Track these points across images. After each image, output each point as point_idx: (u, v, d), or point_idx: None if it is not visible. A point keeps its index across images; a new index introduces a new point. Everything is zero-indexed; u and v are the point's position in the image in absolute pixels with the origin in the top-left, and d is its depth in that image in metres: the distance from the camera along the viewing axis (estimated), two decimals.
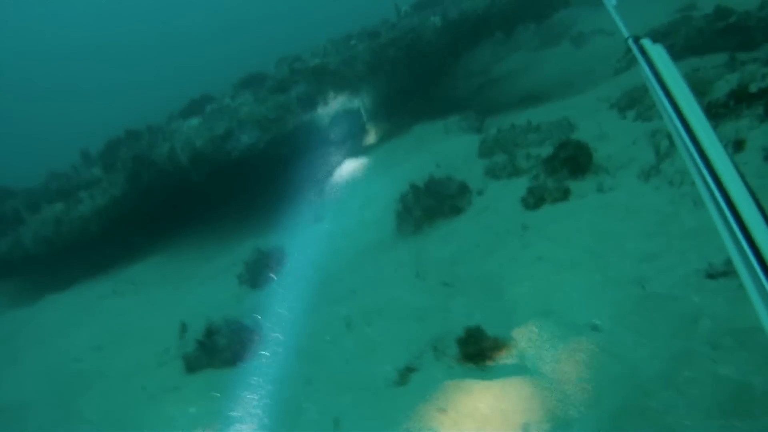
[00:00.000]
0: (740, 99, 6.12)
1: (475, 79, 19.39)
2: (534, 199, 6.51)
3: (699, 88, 7.47)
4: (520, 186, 7.04)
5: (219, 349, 6.25)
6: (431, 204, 7.28)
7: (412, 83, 14.13)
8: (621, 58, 10.97)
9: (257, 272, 7.71)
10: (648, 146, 6.70)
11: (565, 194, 6.44)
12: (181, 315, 7.62)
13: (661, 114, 1.65)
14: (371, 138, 12.22)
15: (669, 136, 6.38)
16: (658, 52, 1.88)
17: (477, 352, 3.95)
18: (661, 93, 1.70)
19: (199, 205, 11.28)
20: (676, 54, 9.51)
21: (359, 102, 12.71)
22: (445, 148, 9.10)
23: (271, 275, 7.68)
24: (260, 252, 7.93)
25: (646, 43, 1.99)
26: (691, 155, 1.45)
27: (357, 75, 11.10)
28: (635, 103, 8.20)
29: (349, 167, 10.55)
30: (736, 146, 5.35)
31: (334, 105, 12.30)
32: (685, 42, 9.50)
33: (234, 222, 10.83)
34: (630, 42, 2.08)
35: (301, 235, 8.54)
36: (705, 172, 1.35)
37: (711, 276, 3.72)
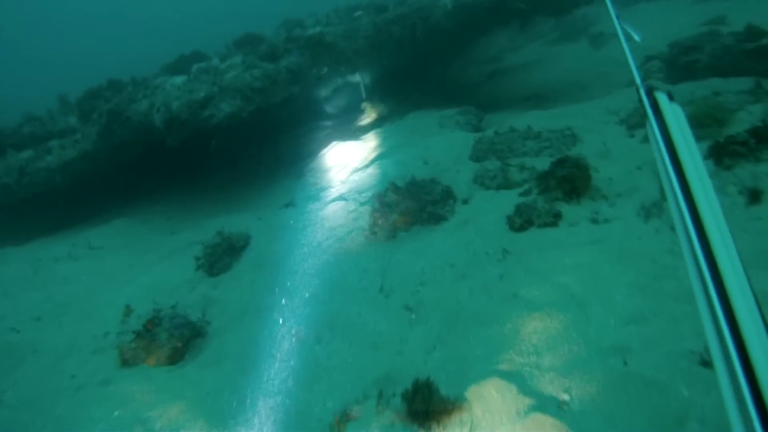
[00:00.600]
0: (762, 138, 5.48)
1: (487, 66, 18.58)
2: (521, 220, 5.90)
3: (717, 116, 6.84)
4: (508, 200, 6.44)
5: (158, 344, 5.71)
6: (411, 208, 6.67)
7: (416, 65, 13.38)
8: (639, 68, 10.24)
9: (215, 258, 7.13)
10: (653, 176, 6.08)
11: (555, 219, 5.84)
12: (131, 294, 7.09)
13: (665, 191, 1.44)
14: (364, 119, 11.53)
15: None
16: (674, 113, 1.60)
17: (424, 411, 3.40)
18: (669, 166, 1.44)
19: (173, 171, 10.65)
20: (698, 72, 8.82)
21: (355, 80, 12.00)
22: (437, 143, 8.44)
23: (230, 263, 7.11)
24: (222, 236, 7.33)
25: (661, 97, 1.67)
26: (693, 251, 1.25)
27: (356, 50, 10.36)
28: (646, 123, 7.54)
29: (334, 151, 9.89)
30: (751, 197, 4.74)
31: (328, 80, 11.61)
32: (710, 60, 8.78)
33: (207, 193, 10.20)
34: (642, 92, 1.74)
35: (270, 220, 7.95)
36: (708, 278, 1.17)
37: (705, 364, 3.15)
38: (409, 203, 6.69)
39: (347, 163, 9.13)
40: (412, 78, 13.54)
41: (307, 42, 9.60)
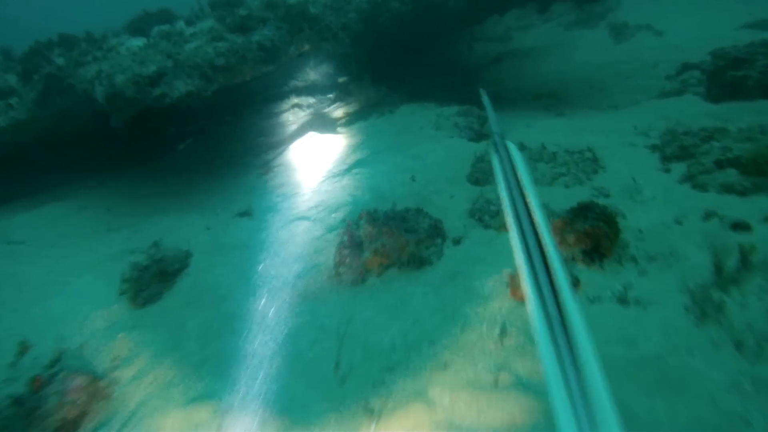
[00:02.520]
0: None
1: (493, 46, 16.93)
2: None
3: (760, 160, 5.48)
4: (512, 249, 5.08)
5: (43, 414, 4.38)
6: (388, 246, 5.30)
7: (415, 44, 11.79)
8: (672, 76, 8.77)
9: (143, 285, 5.74)
10: (701, 240, 4.74)
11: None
12: (36, 319, 5.72)
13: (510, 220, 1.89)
14: (349, 106, 10.01)
15: (740, 246, 4.44)
16: (520, 157, 2.38)
17: None
18: (516, 197, 2.02)
19: (121, 155, 9.15)
20: (748, 92, 7.39)
21: (342, 59, 10.43)
22: (430, 153, 7.01)
23: (160, 292, 5.74)
24: (154, 256, 5.93)
25: (511, 145, 2.52)
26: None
27: (345, 26, 8.78)
28: (687, 155, 6.17)
29: (309, 144, 8.41)
30: None
31: (310, 59, 10.06)
32: (761, 77, 7.34)
33: (159, 181, 8.72)
34: (496, 138, 2.64)
35: (219, 234, 6.54)
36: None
37: None
38: (387, 240, 5.31)
39: (321, 164, 7.68)
40: (410, 59, 11.96)
41: (287, 13, 8.00)
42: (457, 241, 5.48)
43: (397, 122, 8.37)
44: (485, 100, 4.22)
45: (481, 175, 6.31)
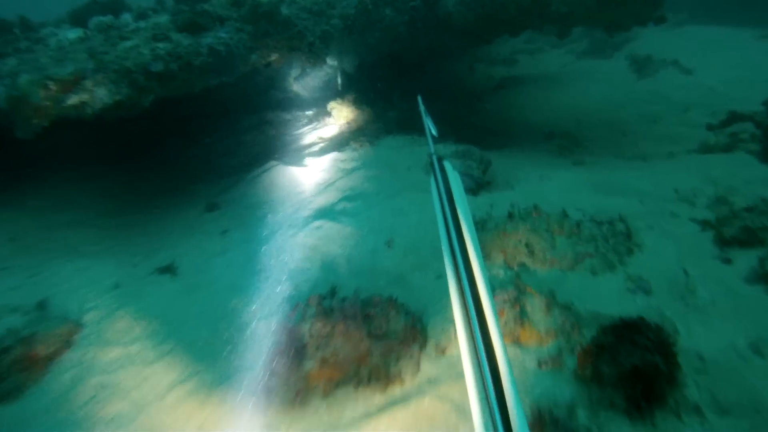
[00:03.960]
0: None
1: (497, 69, 15.43)
2: None
3: None
4: (517, 367, 3.54)
5: None
6: (343, 354, 3.68)
7: (409, 60, 10.26)
8: (716, 126, 7.25)
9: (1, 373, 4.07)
10: None
11: None
12: None
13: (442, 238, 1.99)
14: (323, 129, 8.41)
15: None
16: (455, 178, 2.33)
17: None
18: (448, 215, 2.05)
19: (33, 173, 7.49)
20: None
21: (321, 71, 8.89)
22: (415, 208, 5.41)
23: (23, 384, 4.07)
24: (20, 337, 4.25)
25: (448, 165, 2.40)
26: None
27: (325, 34, 7.21)
28: (755, 241, 4.64)
29: (268, 176, 6.79)
30: None
31: (290, 70, 8.53)
32: None
33: (78, 213, 7.02)
34: (434, 158, 2.44)
35: (128, 297, 4.88)
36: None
37: None
38: (341, 344, 3.70)
39: (277, 205, 6.06)
40: (402, 77, 10.41)
41: (252, 12, 6.40)
42: (441, 350, 3.87)
43: (379, 158, 6.77)
44: (421, 108, 3.79)
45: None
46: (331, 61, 9.06)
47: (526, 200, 5.44)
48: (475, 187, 6.12)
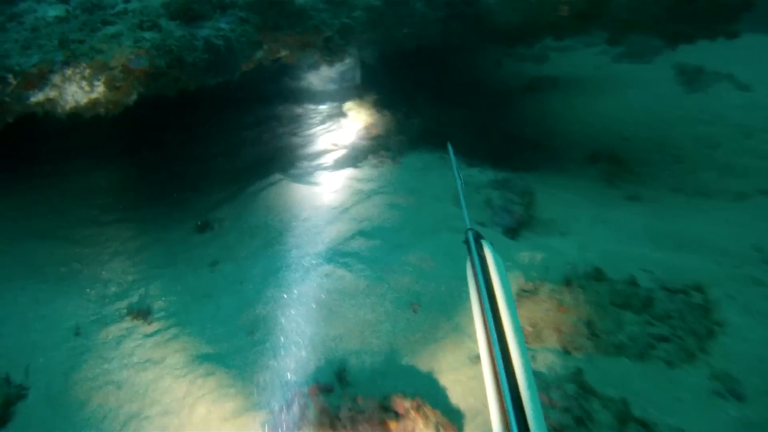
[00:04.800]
0: None
1: (526, 67, 14.26)
2: None
3: None
4: None
5: None
6: None
7: (434, 58, 9.22)
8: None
9: None
10: None
11: None
12: None
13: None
14: (339, 135, 7.39)
15: None
16: (495, 260, 1.84)
17: None
18: (486, 303, 1.62)
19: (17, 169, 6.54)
20: None
21: (340, 67, 7.87)
22: (445, 260, 4.40)
23: None
24: None
25: (487, 244, 1.90)
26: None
27: (345, 27, 6.17)
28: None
29: (270, 195, 5.79)
30: None
31: (293, 66, 7.50)
32: None
33: (50, 220, 6.03)
34: (470, 236, 1.95)
35: (87, 350, 3.92)
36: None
37: None
38: None
39: (281, 234, 5.07)
40: (429, 74, 9.36)
41: (259, 0, 5.35)
42: None
43: (402, 181, 5.74)
44: (453, 161, 2.91)
45: (530, 324, 3.73)
46: (350, 55, 8.01)
47: (582, 253, 4.45)
48: (515, 226, 5.11)
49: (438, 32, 7.25)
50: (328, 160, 6.54)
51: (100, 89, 4.75)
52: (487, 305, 1.61)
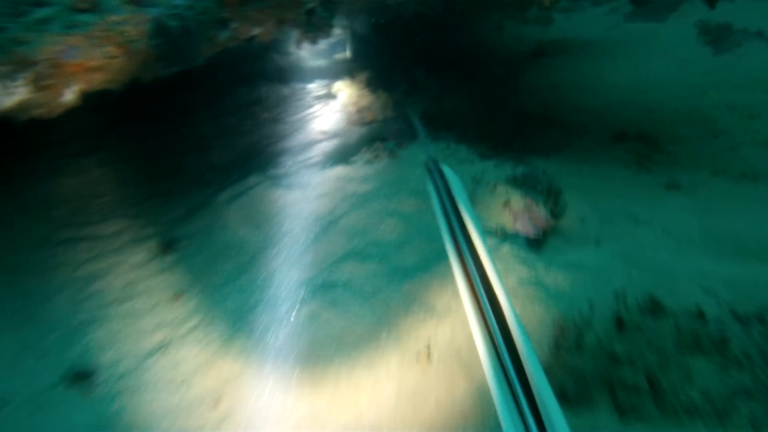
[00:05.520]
0: None
1: (529, 30, 13.17)
2: None
3: None
4: None
5: None
6: None
7: (429, 22, 8.27)
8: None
9: None
10: None
11: None
12: None
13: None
14: (328, 118, 6.46)
15: None
16: (455, 179, 2.37)
17: None
18: (451, 215, 2.07)
19: None
20: None
21: (329, 38, 6.95)
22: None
23: None
24: None
25: (446, 168, 2.45)
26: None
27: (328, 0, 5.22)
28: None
29: (240, 204, 4.91)
30: None
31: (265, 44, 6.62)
32: None
33: None
34: (430, 164, 2.51)
35: None
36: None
37: None
38: None
39: (258, 255, 4.21)
40: (428, 45, 8.38)
41: None
42: None
43: (403, 179, 4.85)
44: (415, 121, 3.85)
45: (578, 386, 2.91)
46: (338, 27, 7.05)
47: (628, 272, 3.60)
48: (540, 235, 4.25)
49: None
50: (315, 153, 5.64)
51: (24, 89, 3.83)
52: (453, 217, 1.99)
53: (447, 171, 2.36)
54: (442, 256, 3.81)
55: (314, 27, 5.26)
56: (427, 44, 8.93)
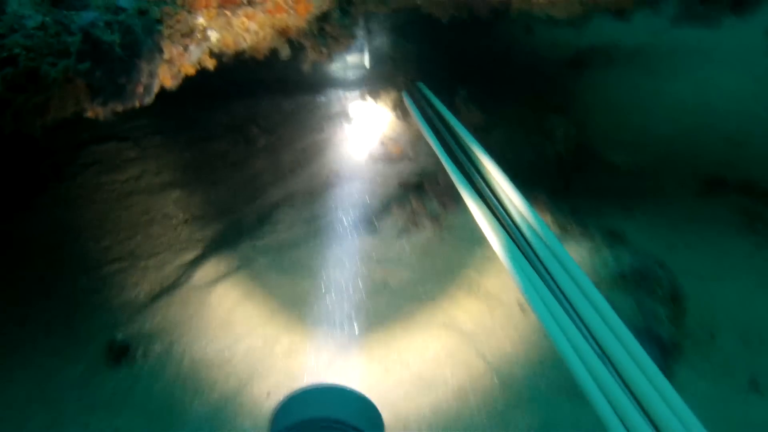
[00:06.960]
0: None
1: (562, 33, 11.63)
2: None
3: None
4: None
5: None
6: None
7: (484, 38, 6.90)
8: None
9: None
10: None
11: None
12: None
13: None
14: (338, 158, 5.00)
15: None
16: (433, 98, 2.53)
17: None
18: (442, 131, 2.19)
19: None
20: None
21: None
22: None
23: None
24: None
25: (422, 86, 2.63)
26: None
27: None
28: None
29: (222, 305, 3.45)
30: None
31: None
32: None
33: None
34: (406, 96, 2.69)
35: None
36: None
37: None
38: None
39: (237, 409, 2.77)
40: (471, 55, 6.98)
41: None
42: None
43: (454, 267, 3.36)
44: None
45: None
46: (359, 31, 5.68)
47: None
48: (661, 358, 2.80)
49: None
50: (324, 208, 4.17)
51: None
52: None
53: (429, 95, 2.47)
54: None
55: (329, 38, 3.79)
56: (471, 57, 7.52)
